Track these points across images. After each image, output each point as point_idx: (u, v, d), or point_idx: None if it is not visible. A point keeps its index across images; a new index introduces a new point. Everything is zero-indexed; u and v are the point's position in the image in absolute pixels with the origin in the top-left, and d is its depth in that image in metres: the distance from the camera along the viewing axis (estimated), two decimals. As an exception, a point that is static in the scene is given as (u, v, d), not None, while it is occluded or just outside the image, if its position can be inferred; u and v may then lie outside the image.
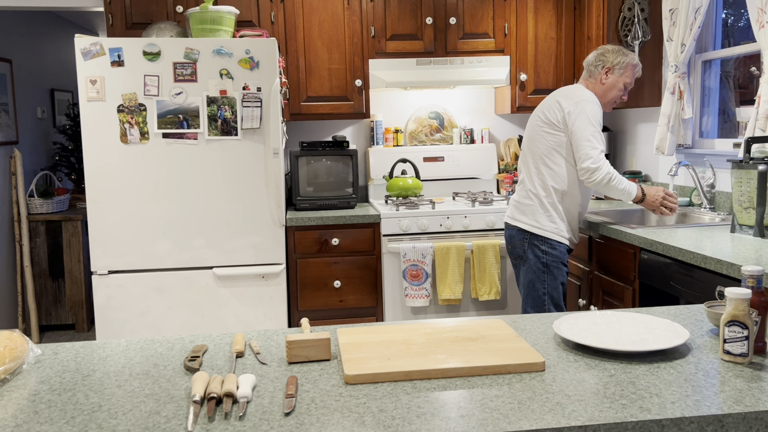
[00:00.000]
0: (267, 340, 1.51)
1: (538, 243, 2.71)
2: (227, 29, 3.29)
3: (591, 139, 2.59)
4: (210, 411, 1.11)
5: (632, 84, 2.78)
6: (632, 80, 2.77)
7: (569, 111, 2.64)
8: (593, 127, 2.60)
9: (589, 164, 2.57)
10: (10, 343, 1.31)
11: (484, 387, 1.21)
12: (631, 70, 2.75)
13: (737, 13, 3.36)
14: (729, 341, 1.30)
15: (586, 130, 2.59)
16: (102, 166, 3.17)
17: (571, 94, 2.70)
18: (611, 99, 2.77)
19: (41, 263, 4.67)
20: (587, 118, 2.60)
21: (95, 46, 3.10)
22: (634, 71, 2.76)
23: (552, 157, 2.68)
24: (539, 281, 2.70)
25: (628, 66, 2.74)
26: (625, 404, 1.12)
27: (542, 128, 2.72)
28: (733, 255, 2.18)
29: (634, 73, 2.77)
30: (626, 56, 2.74)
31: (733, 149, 3.14)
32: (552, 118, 2.68)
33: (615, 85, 2.75)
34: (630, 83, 2.76)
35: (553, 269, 2.70)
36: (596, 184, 2.60)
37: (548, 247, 2.70)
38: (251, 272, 3.31)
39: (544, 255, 2.70)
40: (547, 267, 2.70)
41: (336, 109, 3.81)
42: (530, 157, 2.76)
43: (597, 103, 2.67)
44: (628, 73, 2.75)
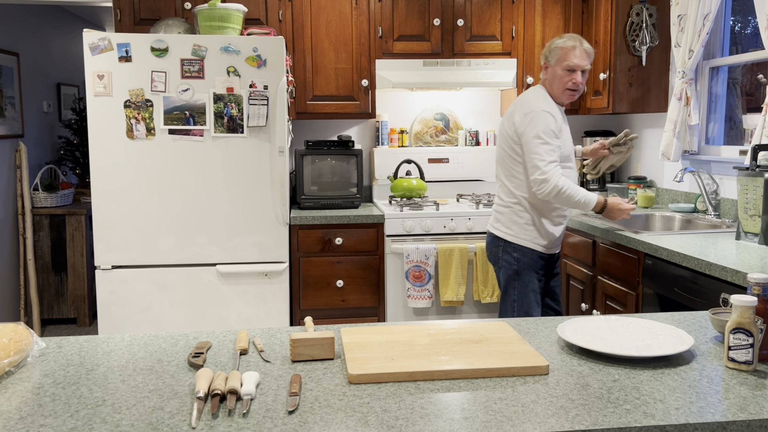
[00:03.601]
0: (271, 338, 1.51)
1: (510, 250, 2.70)
2: (235, 27, 3.30)
3: (538, 151, 2.53)
4: (214, 408, 1.11)
5: (578, 64, 2.59)
6: (573, 60, 2.59)
7: (518, 123, 2.61)
8: (539, 139, 2.53)
9: (537, 176, 2.54)
10: (15, 335, 1.31)
11: (488, 389, 1.21)
12: (562, 52, 2.60)
13: (745, 20, 3.36)
14: (734, 348, 1.29)
15: (533, 143, 2.54)
16: (108, 161, 3.18)
17: (524, 103, 2.66)
18: (559, 89, 2.63)
19: (44, 257, 4.67)
20: (534, 131, 2.54)
21: (103, 41, 3.11)
22: (568, 50, 2.59)
23: (515, 167, 2.68)
24: (511, 287, 2.72)
25: (557, 49, 2.62)
26: (629, 409, 1.12)
27: (503, 138, 2.73)
28: (738, 262, 2.18)
29: (571, 52, 2.59)
30: (555, 42, 2.65)
31: (739, 156, 3.13)
32: (508, 129, 2.68)
33: (555, 74, 2.63)
34: (572, 64, 2.59)
35: (524, 276, 2.69)
36: (546, 195, 2.54)
37: (520, 254, 2.68)
38: (254, 270, 3.31)
39: (515, 262, 2.69)
40: (518, 274, 2.69)
41: (342, 108, 3.81)
42: (499, 166, 2.78)
43: (546, 112, 2.57)
44: (561, 55, 2.60)
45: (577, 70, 2.60)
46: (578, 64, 2.59)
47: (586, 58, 2.62)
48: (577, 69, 2.59)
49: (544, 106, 2.59)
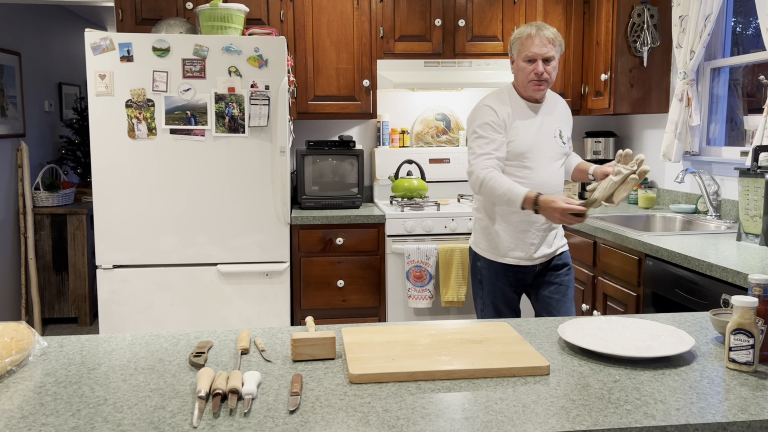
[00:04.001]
0: (272, 337, 1.51)
1: (476, 260, 2.57)
2: (237, 27, 3.30)
3: (471, 146, 2.41)
4: (215, 407, 1.11)
5: (537, 53, 2.36)
6: (531, 49, 2.36)
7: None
8: (475, 134, 2.40)
9: (467, 170, 2.41)
10: (17, 334, 1.32)
11: (489, 389, 1.21)
12: (521, 43, 2.40)
13: (746, 21, 3.36)
14: (734, 349, 1.29)
15: (470, 139, 2.43)
16: (109, 160, 3.18)
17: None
18: (523, 82, 2.41)
19: (45, 256, 4.68)
20: (471, 126, 2.42)
21: (105, 41, 3.11)
22: (524, 39, 2.39)
23: None
24: (478, 297, 2.59)
25: (516, 41, 2.43)
26: (630, 410, 1.12)
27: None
28: (739, 263, 2.18)
29: (528, 41, 2.37)
30: (514, 33, 2.47)
31: (740, 157, 3.13)
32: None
33: (518, 67, 2.42)
34: (532, 53, 2.36)
35: (486, 287, 2.53)
36: (474, 190, 2.38)
37: (483, 265, 2.52)
38: (255, 270, 3.31)
39: (479, 272, 2.55)
40: (482, 284, 2.54)
41: (343, 108, 3.81)
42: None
43: (487, 106, 2.40)
44: (521, 46, 2.40)
45: (537, 59, 2.36)
46: (537, 53, 2.36)
47: (546, 45, 2.36)
48: (537, 58, 2.36)
49: (489, 100, 2.43)
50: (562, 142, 2.48)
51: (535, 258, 2.47)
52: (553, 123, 2.46)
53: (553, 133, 2.45)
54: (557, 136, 2.46)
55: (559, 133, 2.47)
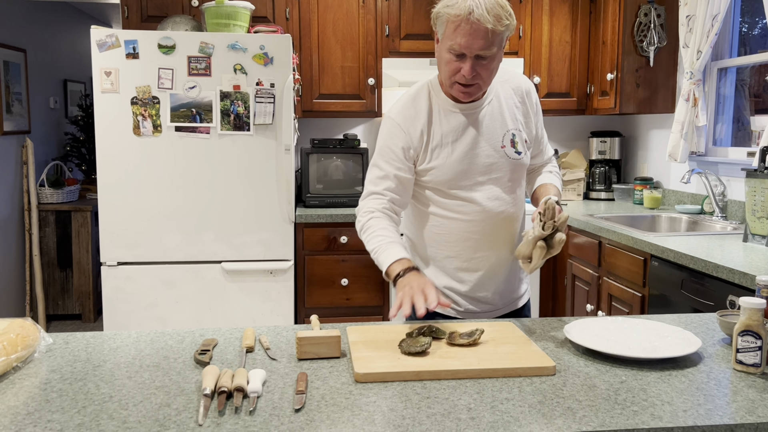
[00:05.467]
0: (277, 335, 1.51)
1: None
2: (242, 24, 3.30)
3: (367, 175, 1.78)
4: (220, 405, 1.11)
5: (468, 47, 1.57)
6: (459, 40, 1.57)
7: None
8: (374, 159, 1.77)
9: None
10: (23, 331, 1.32)
11: (495, 389, 1.20)
12: (446, 23, 1.60)
13: (753, 21, 3.34)
14: (742, 351, 1.29)
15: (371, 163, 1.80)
16: (114, 157, 3.18)
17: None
18: (445, 77, 1.67)
19: (50, 253, 4.69)
20: (377, 146, 1.78)
21: (111, 38, 3.11)
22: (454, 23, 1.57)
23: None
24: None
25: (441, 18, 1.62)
26: (637, 411, 1.11)
27: None
28: (746, 264, 2.17)
29: (457, 27, 1.57)
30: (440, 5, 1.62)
31: (747, 158, 3.12)
32: None
33: (440, 55, 1.66)
34: (459, 46, 1.58)
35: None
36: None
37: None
38: (259, 268, 3.31)
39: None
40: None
41: (348, 107, 3.81)
42: None
43: (392, 120, 1.73)
44: (445, 28, 1.61)
45: (467, 55, 1.59)
46: (465, 46, 1.58)
47: (482, 38, 1.56)
48: (466, 53, 1.59)
49: (397, 109, 1.75)
50: (515, 152, 1.74)
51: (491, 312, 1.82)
52: (499, 127, 1.73)
53: (498, 141, 1.72)
54: (507, 145, 1.73)
55: (511, 139, 1.74)
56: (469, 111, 1.73)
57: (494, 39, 1.58)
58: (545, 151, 1.90)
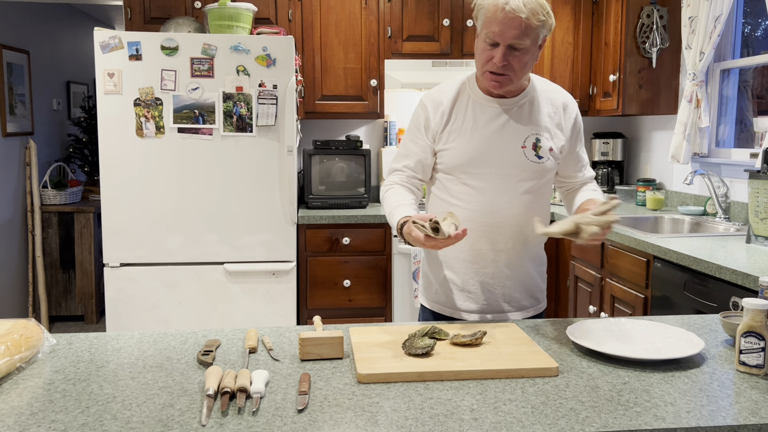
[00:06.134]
0: (279, 336, 1.51)
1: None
2: (245, 26, 3.30)
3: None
4: (224, 405, 1.11)
5: (503, 36, 1.62)
6: (494, 28, 1.62)
7: None
8: (405, 133, 1.89)
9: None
10: (26, 331, 1.32)
11: (497, 390, 1.20)
12: (485, 13, 1.65)
13: (756, 22, 3.34)
14: (745, 352, 1.29)
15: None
16: (117, 159, 3.19)
17: None
18: (479, 66, 1.73)
19: (53, 254, 4.69)
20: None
21: (114, 40, 3.12)
22: (492, 12, 1.62)
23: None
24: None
25: (482, 9, 1.67)
26: (639, 412, 1.11)
27: None
28: (749, 265, 2.16)
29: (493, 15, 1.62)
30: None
31: (750, 159, 3.12)
32: None
33: (477, 49, 1.72)
34: (494, 34, 1.63)
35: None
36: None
37: (421, 310, 1.95)
38: (262, 269, 3.31)
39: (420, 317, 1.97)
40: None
41: (350, 108, 3.81)
42: None
43: (422, 102, 1.85)
44: (484, 18, 1.66)
45: (501, 44, 1.64)
46: (500, 34, 1.62)
47: (516, 27, 1.61)
48: (500, 42, 1.64)
49: (430, 93, 1.86)
50: (535, 155, 1.74)
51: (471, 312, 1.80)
52: (524, 128, 1.74)
53: (520, 141, 1.74)
54: (528, 147, 1.74)
55: (534, 143, 1.74)
56: (499, 106, 1.76)
57: (528, 31, 1.62)
58: (584, 172, 1.89)
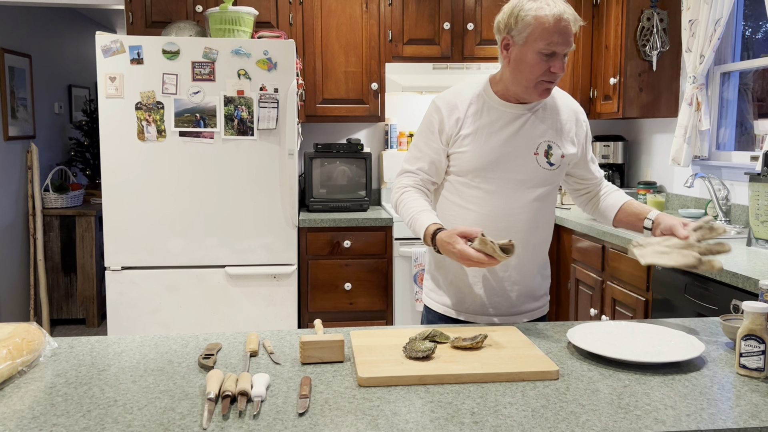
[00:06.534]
0: (280, 340, 1.52)
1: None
2: (246, 30, 3.31)
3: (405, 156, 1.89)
4: (224, 409, 1.12)
5: (563, 46, 1.66)
6: (555, 38, 1.64)
7: None
8: (416, 135, 1.87)
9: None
10: (28, 335, 1.32)
11: (498, 394, 1.21)
12: (536, 26, 1.65)
13: (757, 25, 3.34)
14: (745, 355, 1.29)
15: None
16: (119, 162, 3.20)
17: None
18: (522, 81, 1.71)
19: (54, 257, 4.70)
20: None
21: (115, 44, 3.13)
22: (546, 24, 1.63)
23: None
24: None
25: (525, 20, 1.66)
26: (640, 415, 1.11)
27: None
28: (749, 268, 2.17)
29: (548, 28, 1.63)
30: (521, 10, 1.67)
31: (750, 162, 3.12)
32: None
33: (520, 59, 1.69)
34: (554, 44, 1.65)
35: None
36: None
37: (425, 312, 1.96)
38: (263, 272, 3.32)
39: (424, 318, 1.98)
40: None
41: (351, 111, 3.82)
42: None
43: (435, 104, 1.82)
44: (534, 30, 1.65)
45: (558, 53, 1.67)
46: (561, 43, 1.66)
47: (569, 35, 1.67)
48: (559, 52, 1.67)
49: (444, 95, 1.82)
50: (547, 162, 1.76)
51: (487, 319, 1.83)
52: (539, 134, 1.77)
53: (533, 147, 1.76)
54: (541, 153, 1.76)
55: (546, 149, 1.77)
56: (513, 111, 1.78)
57: (573, 38, 1.70)
58: (595, 173, 1.93)
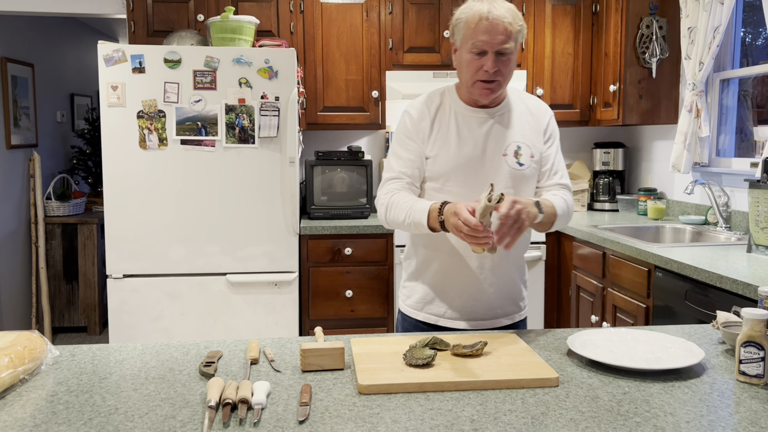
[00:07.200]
0: (281, 347, 1.52)
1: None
2: (247, 38, 3.33)
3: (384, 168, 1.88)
4: (225, 417, 1.12)
5: (491, 43, 1.67)
6: (482, 37, 1.67)
7: None
8: (392, 145, 1.88)
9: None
10: (30, 343, 1.33)
11: (498, 401, 1.21)
12: (467, 26, 1.70)
13: (756, 31, 3.36)
14: (745, 362, 1.29)
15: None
16: (120, 170, 3.21)
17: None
18: (467, 80, 1.76)
19: (56, 265, 4.71)
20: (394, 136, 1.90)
21: (117, 53, 3.15)
22: (475, 23, 1.68)
23: None
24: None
25: (460, 23, 1.73)
26: (639, 422, 1.11)
27: None
28: (750, 275, 2.17)
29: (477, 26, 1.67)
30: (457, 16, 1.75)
31: (750, 169, 3.12)
32: None
33: (461, 60, 1.76)
34: (482, 43, 1.67)
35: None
36: (384, 225, 1.84)
37: (401, 318, 1.97)
38: (264, 280, 3.32)
39: (399, 326, 1.99)
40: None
41: (352, 119, 3.83)
42: None
43: (407, 112, 1.84)
44: (466, 31, 1.71)
45: (489, 51, 1.68)
46: (489, 42, 1.67)
47: (501, 33, 1.67)
48: (489, 50, 1.68)
49: (413, 104, 1.86)
50: (517, 162, 1.79)
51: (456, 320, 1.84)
52: (508, 135, 1.80)
53: (501, 149, 1.78)
54: (510, 154, 1.79)
55: (515, 150, 1.80)
56: (479, 115, 1.81)
57: (511, 36, 1.69)
58: (555, 177, 1.87)
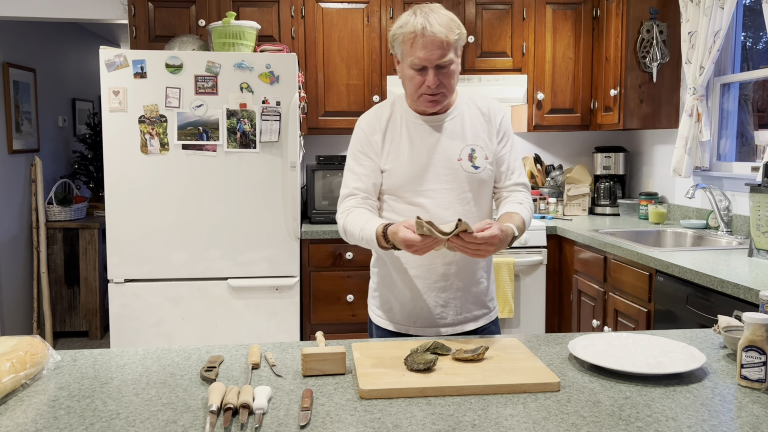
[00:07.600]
0: (282, 352, 1.52)
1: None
2: (248, 44, 3.34)
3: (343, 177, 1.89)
4: (226, 422, 1.12)
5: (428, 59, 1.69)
6: (419, 54, 1.68)
7: None
8: (347, 160, 1.88)
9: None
10: (31, 348, 1.33)
11: (499, 406, 1.21)
12: (403, 43, 1.73)
13: (756, 36, 3.36)
14: (746, 366, 1.29)
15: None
16: (122, 175, 3.21)
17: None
18: (411, 94, 1.78)
19: (57, 270, 4.71)
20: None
21: (119, 58, 3.15)
22: (410, 40, 1.70)
23: None
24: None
25: (397, 38, 1.75)
26: (641, 427, 1.11)
27: None
28: (751, 279, 2.17)
29: (414, 44, 1.69)
30: (395, 28, 1.77)
31: (751, 173, 3.13)
32: None
33: (403, 73, 1.78)
34: (419, 60, 1.69)
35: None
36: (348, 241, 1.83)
37: (372, 328, 1.96)
38: (265, 284, 3.32)
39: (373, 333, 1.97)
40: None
41: (353, 124, 3.79)
42: None
43: (359, 127, 1.88)
44: (403, 47, 1.73)
45: (429, 67, 1.70)
46: (426, 58, 1.69)
47: (438, 48, 1.68)
48: (428, 66, 1.70)
49: (364, 117, 1.90)
50: (472, 166, 1.79)
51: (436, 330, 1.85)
52: (458, 141, 1.80)
53: (455, 154, 1.79)
54: (464, 158, 1.79)
55: (469, 153, 1.80)
56: (430, 123, 1.82)
57: (449, 48, 1.70)
58: (513, 177, 1.87)
